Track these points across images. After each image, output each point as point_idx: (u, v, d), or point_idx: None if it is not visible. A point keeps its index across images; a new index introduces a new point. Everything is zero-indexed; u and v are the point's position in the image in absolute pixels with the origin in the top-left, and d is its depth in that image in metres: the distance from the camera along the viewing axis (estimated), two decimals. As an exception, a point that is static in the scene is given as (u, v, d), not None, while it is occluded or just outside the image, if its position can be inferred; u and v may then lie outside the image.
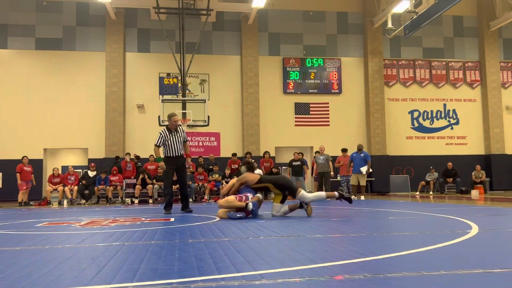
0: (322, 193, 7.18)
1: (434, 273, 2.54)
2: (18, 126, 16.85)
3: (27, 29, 17.37)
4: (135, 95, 17.64)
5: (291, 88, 18.56)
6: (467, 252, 3.43)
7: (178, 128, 8.36)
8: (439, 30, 19.70)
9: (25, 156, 13.82)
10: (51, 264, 3.06)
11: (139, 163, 15.31)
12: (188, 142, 8.66)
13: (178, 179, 8.47)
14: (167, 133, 8.21)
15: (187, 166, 8.63)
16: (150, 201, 13.88)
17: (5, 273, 2.76)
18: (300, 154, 15.35)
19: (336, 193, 6.84)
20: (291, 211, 6.91)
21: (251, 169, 7.27)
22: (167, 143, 8.21)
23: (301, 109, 18.57)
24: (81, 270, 2.81)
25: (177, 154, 8.25)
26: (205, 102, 14.66)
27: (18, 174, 13.37)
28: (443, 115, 19.56)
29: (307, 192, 7.34)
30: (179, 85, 15.85)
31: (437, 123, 19.52)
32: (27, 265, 3.05)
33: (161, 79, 17.83)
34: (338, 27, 19.24)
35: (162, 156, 8.40)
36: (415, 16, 15.31)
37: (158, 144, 8.28)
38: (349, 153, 14.29)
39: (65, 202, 13.71)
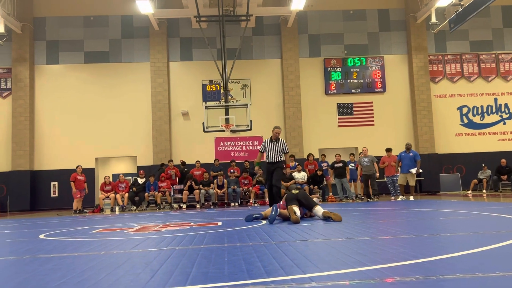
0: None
1: (490, 275, 2.46)
2: (70, 137, 17.64)
3: (76, 44, 18.19)
4: (179, 103, 18.06)
5: (333, 88, 18.39)
6: (525, 252, 3.29)
7: (280, 139, 9.58)
8: (487, 21, 18.94)
9: (79, 166, 14.44)
10: (107, 269, 3.19)
11: (185, 169, 15.63)
12: (288, 153, 9.78)
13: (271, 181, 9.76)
14: (268, 142, 9.59)
15: (286, 174, 10.05)
16: (197, 206, 14.15)
17: (66, 278, 2.91)
18: (351, 155, 15.27)
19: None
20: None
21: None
22: (266, 149, 9.56)
23: (344, 109, 18.35)
24: (136, 275, 2.92)
25: (272, 161, 9.47)
26: (247, 107, 14.78)
27: (72, 183, 13.97)
28: (494, 109, 18.76)
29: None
30: (222, 91, 16.06)
31: (488, 119, 18.73)
32: (86, 270, 3.20)
33: (204, 86, 18.10)
34: (380, 25, 18.89)
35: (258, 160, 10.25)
36: (461, 9, 14.79)
37: (260, 150, 9.86)
38: (393, 153, 13.99)
39: (117, 209, 14.20)
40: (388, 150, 14.08)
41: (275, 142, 9.49)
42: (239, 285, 2.46)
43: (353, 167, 14.91)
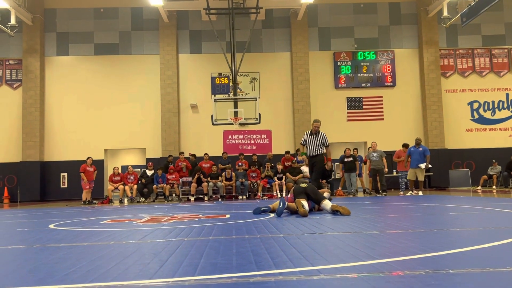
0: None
1: (500, 270, 2.44)
2: (80, 129, 17.75)
3: (86, 36, 18.25)
4: (188, 95, 18.08)
5: (343, 82, 18.29)
6: (536, 248, 3.25)
7: (320, 132, 9.51)
8: (500, 15, 18.68)
9: (90, 157, 14.53)
10: (117, 259, 3.22)
11: (196, 162, 15.68)
12: (328, 147, 9.62)
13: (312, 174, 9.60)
14: (308, 135, 9.62)
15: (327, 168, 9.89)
16: (205, 198, 14.20)
17: (76, 266, 2.94)
18: (355, 150, 15.11)
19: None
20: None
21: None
22: (306, 142, 9.60)
23: (354, 103, 18.25)
24: (145, 265, 2.94)
25: (312, 154, 9.47)
26: (256, 100, 14.75)
27: (82, 174, 14.07)
28: (505, 105, 18.55)
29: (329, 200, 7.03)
30: (231, 84, 16.05)
31: (499, 114, 18.53)
32: (95, 259, 3.23)
33: (213, 79, 18.14)
34: (391, 18, 18.72)
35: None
36: (473, 3, 14.61)
37: (301, 142, 9.84)
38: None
39: (125, 200, 14.30)
40: (405, 145, 13.98)
41: (315, 135, 9.44)
42: (247, 276, 2.47)
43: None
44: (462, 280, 2.27)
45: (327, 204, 6.66)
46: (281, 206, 6.47)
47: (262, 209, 7.07)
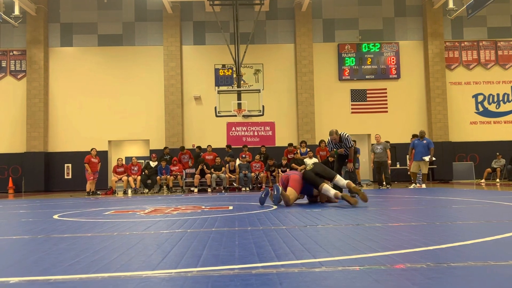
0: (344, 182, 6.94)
1: (502, 263, 2.44)
2: (84, 120, 17.79)
3: (90, 26, 18.22)
4: (192, 87, 18.06)
5: (347, 74, 18.22)
6: (538, 242, 3.25)
7: (342, 137, 9.17)
8: (506, 7, 18.51)
9: (94, 148, 14.59)
10: (120, 250, 3.24)
11: (201, 153, 15.71)
12: (352, 148, 9.32)
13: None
14: (333, 146, 9.27)
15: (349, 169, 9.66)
16: (209, 189, 14.24)
17: (80, 257, 2.96)
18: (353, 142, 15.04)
19: (340, 194, 6.62)
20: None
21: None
22: (334, 149, 9.34)
23: (358, 96, 18.19)
24: (148, 256, 2.95)
25: (344, 154, 9.39)
26: (259, 92, 14.72)
27: (86, 165, 14.13)
28: (510, 98, 18.44)
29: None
30: (234, 76, 16.01)
31: (504, 107, 18.43)
32: (99, 250, 3.25)
33: (216, 70, 18.07)
34: (396, 10, 18.58)
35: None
36: (479, -6, 14.45)
37: (330, 151, 9.91)
38: (406, 141, 13.84)
39: (129, 191, 14.36)
40: (415, 136, 13.89)
41: (339, 143, 9.13)
42: (249, 268, 2.48)
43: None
44: (464, 273, 2.27)
45: (339, 179, 6.75)
46: (275, 193, 6.55)
47: (263, 195, 7.06)
